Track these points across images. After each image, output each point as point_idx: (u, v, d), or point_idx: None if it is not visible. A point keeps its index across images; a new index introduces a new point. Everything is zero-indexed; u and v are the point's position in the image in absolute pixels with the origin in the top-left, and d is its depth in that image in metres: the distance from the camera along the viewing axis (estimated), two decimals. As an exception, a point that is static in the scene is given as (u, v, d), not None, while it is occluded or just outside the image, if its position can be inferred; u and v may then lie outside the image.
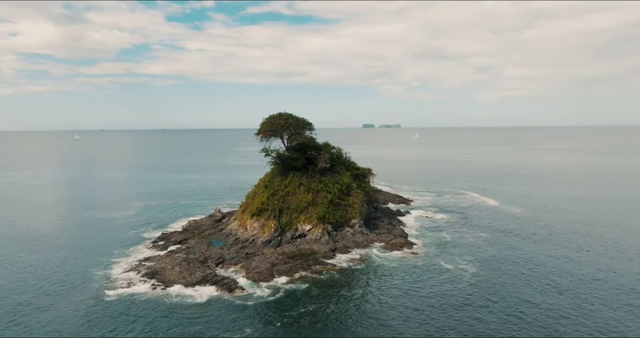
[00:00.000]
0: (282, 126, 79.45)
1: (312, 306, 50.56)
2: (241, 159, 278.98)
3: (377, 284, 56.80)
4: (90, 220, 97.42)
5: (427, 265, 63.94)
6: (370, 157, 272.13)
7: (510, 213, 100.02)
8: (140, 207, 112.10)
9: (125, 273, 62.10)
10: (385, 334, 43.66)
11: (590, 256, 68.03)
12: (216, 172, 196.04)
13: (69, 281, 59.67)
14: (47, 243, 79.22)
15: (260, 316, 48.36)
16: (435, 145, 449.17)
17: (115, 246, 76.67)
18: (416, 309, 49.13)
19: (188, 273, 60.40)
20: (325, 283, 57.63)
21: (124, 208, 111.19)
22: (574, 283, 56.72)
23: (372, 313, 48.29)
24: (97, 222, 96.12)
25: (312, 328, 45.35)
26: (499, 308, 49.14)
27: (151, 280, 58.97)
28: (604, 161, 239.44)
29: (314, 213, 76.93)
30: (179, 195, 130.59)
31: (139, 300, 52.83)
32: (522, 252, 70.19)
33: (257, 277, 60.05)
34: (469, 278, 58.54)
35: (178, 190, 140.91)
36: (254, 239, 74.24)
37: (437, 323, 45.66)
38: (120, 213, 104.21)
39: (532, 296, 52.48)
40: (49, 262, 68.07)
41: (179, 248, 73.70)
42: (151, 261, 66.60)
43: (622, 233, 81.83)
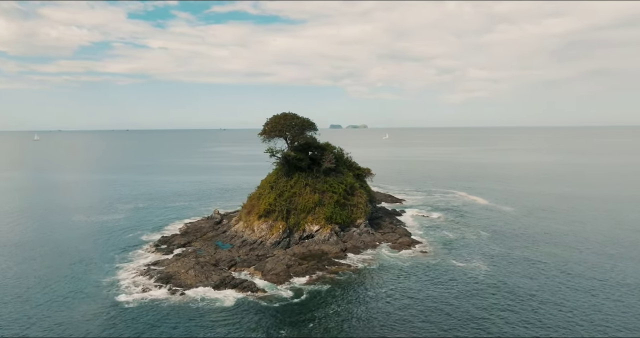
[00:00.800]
0: (289, 126, 78.76)
1: (337, 307, 50.35)
2: (217, 160, 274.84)
3: (395, 284, 56.95)
4: (78, 225, 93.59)
5: (439, 264, 64.84)
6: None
7: (502, 212, 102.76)
8: (128, 210, 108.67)
9: (136, 279, 60.08)
10: (415, 335, 43.99)
11: (593, 252, 70.82)
12: (196, 173, 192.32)
13: (76, 289, 57.04)
14: (38, 250, 75.41)
15: (289, 318, 47.78)
16: (407, 146, 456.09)
17: (114, 251, 74.07)
18: (440, 309, 49.55)
19: (204, 277, 59.04)
20: (345, 284, 57.50)
21: (111, 211, 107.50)
22: (590, 283, 58.82)
23: (398, 315, 48.37)
24: (86, 226, 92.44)
25: (342, 328, 45.09)
26: (522, 307, 50.07)
27: (167, 284, 57.28)
28: (574, 161, 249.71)
29: (321, 213, 76.70)
30: (165, 197, 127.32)
31: (161, 305, 51.21)
32: (527, 250, 72.22)
33: (275, 279, 59.34)
34: (483, 277, 59.61)
35: (162, 192, 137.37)
36: (262, 241, 73.31)
37: (464, 325, 46.39)
38: (108, 217, 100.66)
39: (552, 295, 53.93)
40: (48, 269, 64.77)
41: (184, 251, 71.89)
42: (160, 265, 64.67)
43: (612, 228, 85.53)
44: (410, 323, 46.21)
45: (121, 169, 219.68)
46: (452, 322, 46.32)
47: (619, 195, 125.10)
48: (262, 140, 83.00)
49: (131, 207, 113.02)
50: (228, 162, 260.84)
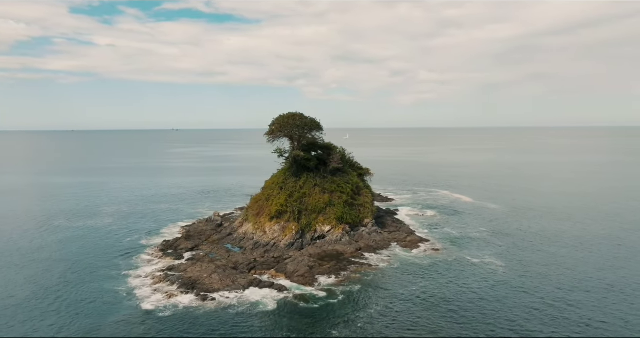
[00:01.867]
0: (298, 126, 77.99)
1: (377, 306, 50.46)
2: (183, 162, 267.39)
3: (424, 283, 57.39)
4: (64, 230, 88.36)
5: (457, 262, 66.32)
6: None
7: (490, 209, 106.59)
8: (113, 214, 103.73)
9: (158, 285, 57.50)
10: (466, 333, 44.98)
11: (593, 244, 74.95)
12: (168, 176, 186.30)
13: (94, 298, 53.88)
14: (33, 258, 70.75)
15: (336, 318, 47.40)
16: (370, 146, 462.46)
17: (116, 257, 70.65)
18: (476, 305, 50.92)
19: (230, 281, 57.47)
20: (375, 284, 57.63)
21: (95, 215, 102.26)
22: (599, 279, 62.17)
23: (440, 313, 49.14)
24: (74, 231, 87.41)
25: (391, 327, 45.30)
26: (550, 305, 52.29)
27: (192, 290, 55.25)
28: (528, 159, 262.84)
29: (331, 214, 76.55)
30: (146, 200, 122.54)
31: (197, 312, 49.36)
32: (531, 246, 75.34)
33: (302, 280, 58.67)
34: (503, 272, 61.57)
35: (141, 195, 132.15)
36: (275, 242, 72.22)
37: (507, 321, 47.92)
38: (95, 222, 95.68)
39: (574, 293, 56.46)
40: (53, 278, 60.80)
41: (196, 255, 69.66)
42: (177, 271, 62.26)
43: (599, 221, 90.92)
44: (454, 321, 47.05)
45: (85, 171, 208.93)
46: (493, 321, 47.62)
47: (586, 189, 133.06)
48: (268, 140, 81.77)
49: (114, 210, 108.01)
50: (196, 163, 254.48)
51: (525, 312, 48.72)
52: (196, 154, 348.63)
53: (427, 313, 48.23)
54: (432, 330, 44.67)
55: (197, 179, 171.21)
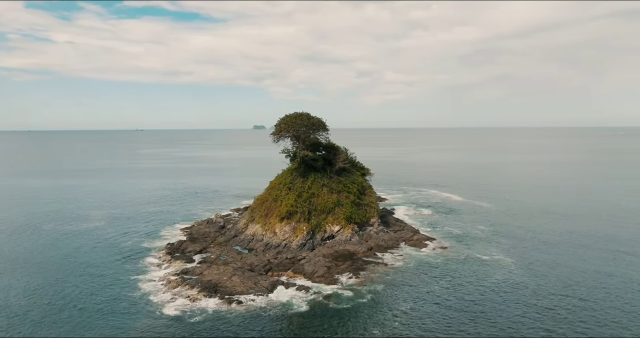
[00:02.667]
0: (305, 126, 77.59)
1: (406, 306, 50.73)
2: (159, 163, 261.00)
3: (445, 281, 57.69)
4: (58, 235, 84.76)
5: (468, 259, 67.50)
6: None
7: (483, 207, 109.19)
8: (103, 217, 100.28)
9: (174, 290, 55.95)
10: (502, 334, 45.97)
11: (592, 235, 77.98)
12: (148, 177, 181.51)
13: (111, 306, 51.93)
14: (30, 263, 67.62)
15: (370, 318, 47.37)
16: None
17: (120, 261, 68.47)
18: (503, 305, 51.98)
19: (252, 283, 56.60)
20: (397, 283, 57.87)
21: (85, 219, 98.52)
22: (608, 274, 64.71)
23: (469, 311, 49.96)
24: (67, 236, 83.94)
25: (426, 328, 45.63)
26: (575, 302, 53.90)
27: (215, 293, 54.08)
28: (505, 159, 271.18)
29: (340, 214, 76.57)
30: (134, 203, 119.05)
31: (228, 315, 48.36)
32: (533, 243, 77.64)
33: (324, 281, 58.46)
34: (516, 270, 62.99)
35: (126, 197, 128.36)
36: (286, 243, 71.61)
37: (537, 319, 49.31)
38: (87, 225, 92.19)
39: (595, 290, 58.60)
40: (60, 287, 58.14)
41: (206, 258, 68.29)
42: (192, 274, 60.78)
43: (589, 216, 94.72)
44: (488, 322, 47.92)
45: (55, 173, 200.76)
46: (521, 317, 48.86)
47: (565, 186, 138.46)
48: (273, 140, 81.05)
49: (104, 213, 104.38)
50: (172, 164, 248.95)
51: (549, 312, 50.19)
52: (169, 154, 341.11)
53: (457, 314, 48.56)
54: (467, 331, 45.29)
55: (180, 180, 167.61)
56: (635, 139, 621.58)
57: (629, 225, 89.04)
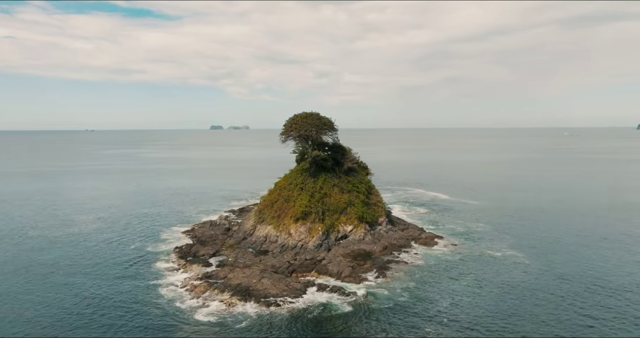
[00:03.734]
0: (317, 126, 77.20)
1: (445, 301, 51.67)
2: (125, 164, 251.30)
3: (470, 279, 59.05)
4: (54, 240, 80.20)
5: (482, 256, 69.21)
6: (268, 158, 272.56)
7: (473, 205, 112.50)
8: (94, 221, 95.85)
9: (203, 295, 54.29)
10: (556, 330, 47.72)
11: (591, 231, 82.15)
12: (122, 179, 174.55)
13: (141, 313, 49.85)
14: (38, 272, 63.69)
15: (417, 315, 47.77)
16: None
17: (132, 266, 65.96)
18: (539, 298, 53.95)
19: (283, 285, 55.81)
20: (426, 281, 58.58)
21: (75, 223, 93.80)
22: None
23: (507, 306, 51.46)
24: (65, 241, 79.64)
25: (475, 322, 46.63)
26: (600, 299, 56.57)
27: (249, 297, 52.85)
28: (468, 158, 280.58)
29: (352, 213, 76.77)
30: (120, 206, 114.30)
31: (273, 319, 47.46)
32: (535, 237, 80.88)
33: (353, 280, 58.46)
34: (529, 263, 65.59)
35: (110, 200, 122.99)
36: (302, 244, 71.01)
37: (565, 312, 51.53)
38: (80, 230, 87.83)
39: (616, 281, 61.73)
40: (78, 295, 55.23)
41: (223, 261, 66.66)
42: (216, 278, 59.15)
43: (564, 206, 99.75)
44: (537, 318, 49.62)
45: (18, 176, 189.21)
46: (554, 309, 50.92)
47: (536, 184, 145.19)
48: (282, 140, 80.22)
49: (93, 218, 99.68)
50: (140, 165, 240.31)
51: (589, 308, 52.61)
52: (135, 155, 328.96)
53: (496, 308, 50.06)
54: (518, 325, 46.69)
55: (156, 182, 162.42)
56: (579, 139, 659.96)
57: (608, 216, 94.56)
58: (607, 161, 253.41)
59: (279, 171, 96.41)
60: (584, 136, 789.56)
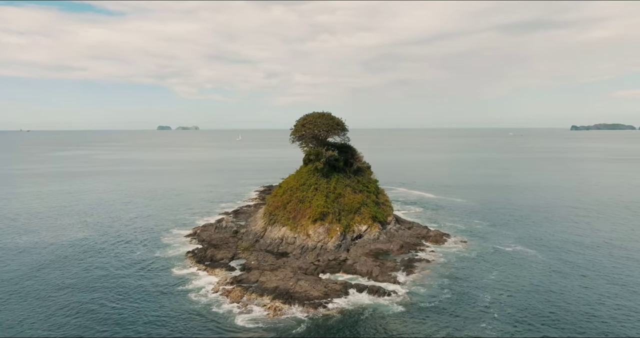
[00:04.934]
0: (330, 126, 76.72)
1: (486, 296, 52.86)
2: (84, 166, 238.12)
3: (497, 274, 60.58)
4: (50, 246, 74.82)
5: (496, 252, 71.20)
6: (230, 159, 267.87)
7: (459, 202, 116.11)
8: (81, 226, 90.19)
9: (242, 299, 52.65)
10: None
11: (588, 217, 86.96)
12: (91, 181, 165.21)
13: (185, 324, 47.68)
14: (51, 283, 59.26)
15: (466, 311, 48.53)
16: (271, 147, 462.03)
17: (147, 272, 62.83)
18: (571, 294, 56.62)
19: (322, 286, 55.08)
20: (457, 277, 59.52)
21: (60, 229, 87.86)
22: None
23: (547, 300, 53.54)
24: (63, 247, 74.55)
25: (523, 315, 48.13)
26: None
27: (291, 300, 51.74)
28: (430, 157, 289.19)
29: (366, 213, 76.99)
30: (101, 209, 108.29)
31: (329, 322, 46.70)
32: (534, 232, 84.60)
33: (387, 279, 58.60)
34: (542, 258, 68.54)
35: (88, 203, 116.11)
36: (322, 245, 70.35)
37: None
38: (69, 237, 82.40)
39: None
40: (101, 308, 52.03)
41: (245, 264, 64.91)
42: (248, 282, 57.48)
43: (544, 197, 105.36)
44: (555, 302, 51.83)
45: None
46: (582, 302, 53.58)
47: (502, 181, 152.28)
48: (292, 140, 79.15)
49: (78, 221, 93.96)
50: (102, 167, 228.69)
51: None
52: (89, 157, 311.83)
53: (538, 302, 51.97)
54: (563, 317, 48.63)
55: (131, 185, 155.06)
56: (525, 139, 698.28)
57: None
58: (563, 160, 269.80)
59: (248, 172, 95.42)
60: (528, 136, 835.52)
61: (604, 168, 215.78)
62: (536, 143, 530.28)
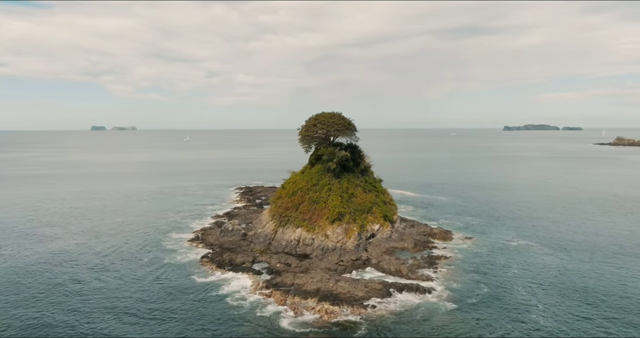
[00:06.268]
0: (343, 126, 76.38)
1: (521, 290, 54.92)
2: (34, 169, 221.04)
3: (518, 268, 62.90)
4: (40, 257, 68.96)
5: (505, 246, 74.08)
6: (181, 161, 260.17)
7: (443, 200, 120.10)
8: (69, 232, 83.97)
9: (287, 303, 51.44)
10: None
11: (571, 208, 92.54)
12: (53, 184, 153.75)
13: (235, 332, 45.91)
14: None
15: (512, 306, 50.10)
16: (223, 148, 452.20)
17: (170, 283, 59.62)
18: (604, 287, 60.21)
19: (363, 286, 54.86)
20: (482, 272, 61.46)
21: (48, 237, 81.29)
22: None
23: (578, 292, 56.66)
24: (52, 258, 69.01)
25: (561, 307, 50.70)
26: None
27: (338, 301, 51.19)
28: (393, 157, 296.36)
29: (378, 212, 77.54)
30: (80, 214, 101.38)
31: (385, 322, 46.61)
32: (528, 225, 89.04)
33: (420, 277, 59.34)
34: (548, 251, 72.40)
35: (66, 207, 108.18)
36: (341, 245, 70.03)
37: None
38: (60, 245, 76.51)
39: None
40: (147, 324, 48.97)
41: (270, 267, 63.38)
42: (284, 285, 56.11)
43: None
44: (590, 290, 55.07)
45: None
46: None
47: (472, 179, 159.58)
48: (302, 140, 78.17)
49: (65, 229, 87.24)
50: (51, 170, 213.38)
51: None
52: (34, 160, 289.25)
53: (575, 292, 54.91)
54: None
55: (100, 188, 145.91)
56: (468, 139, 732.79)
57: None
58: (513, 158, 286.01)
59: (212, 173, 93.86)
60: (469, 136, 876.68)
61: (552, 165, 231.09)
62: (480, 143, 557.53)
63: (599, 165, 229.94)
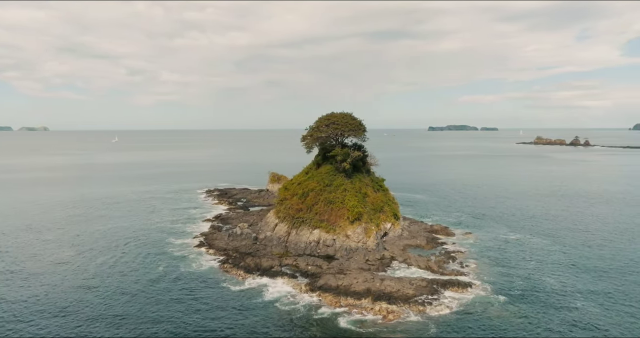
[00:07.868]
0: (355, 126, 76.40)
1: (550, 279, 58.62)
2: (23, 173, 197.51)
3: (536, 261, 66.23)
4: (49, 266, 62.35)
5: (507, 241, 77.63)
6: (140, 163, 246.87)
7: (421, 198, 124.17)
8: (62, 239, 76.34)
9: (343, 305, 50.99)
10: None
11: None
12: (26, 189, 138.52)
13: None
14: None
15: (554, 300, 52.70)
16: (159, 149, 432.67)
17: (200, 293, 56.68)
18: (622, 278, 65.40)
19: (407, 284, 55.51)
20: (505, 265, 64.50)
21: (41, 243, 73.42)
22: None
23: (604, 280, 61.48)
24: (58, 266, 62.71)
25: (600, 299, 54.88)
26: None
27: (395, 301, 51.44)
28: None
29: (389, 211, 78.68)
30: (62, 220, 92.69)
31: (446, 320, 47.61)
32: (518, 219, 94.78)
33: (451, 272, 61.22)
34: (551, 244, 77.42)
35: (41, 214, 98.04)
36: (362, 245, 70.24)
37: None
38: (57, 256, 69.55)
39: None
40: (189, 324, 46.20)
41: (302, 270, 62.26)
42: (328, 287, 55.31)
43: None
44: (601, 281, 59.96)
45: None
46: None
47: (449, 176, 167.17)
48: (310, 141, 77.38)
49: (57, 234, 79.12)
50: (8, 174, 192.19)
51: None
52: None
53: (607, 284, 59.13)
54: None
55: (52, 195, 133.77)
56: (400, 138, 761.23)
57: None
58: (457, 157, 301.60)
59: (171, 175, 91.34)
60: (400, 136, 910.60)
61: (496, 163, 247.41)
62: (414, 143, 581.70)
63: (536, 163, 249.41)
